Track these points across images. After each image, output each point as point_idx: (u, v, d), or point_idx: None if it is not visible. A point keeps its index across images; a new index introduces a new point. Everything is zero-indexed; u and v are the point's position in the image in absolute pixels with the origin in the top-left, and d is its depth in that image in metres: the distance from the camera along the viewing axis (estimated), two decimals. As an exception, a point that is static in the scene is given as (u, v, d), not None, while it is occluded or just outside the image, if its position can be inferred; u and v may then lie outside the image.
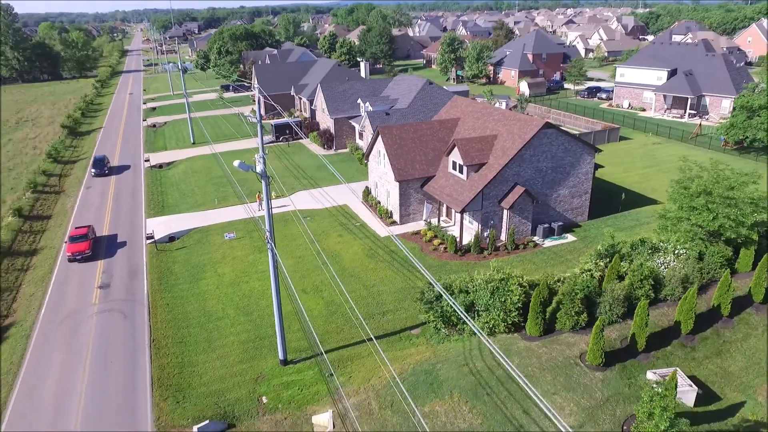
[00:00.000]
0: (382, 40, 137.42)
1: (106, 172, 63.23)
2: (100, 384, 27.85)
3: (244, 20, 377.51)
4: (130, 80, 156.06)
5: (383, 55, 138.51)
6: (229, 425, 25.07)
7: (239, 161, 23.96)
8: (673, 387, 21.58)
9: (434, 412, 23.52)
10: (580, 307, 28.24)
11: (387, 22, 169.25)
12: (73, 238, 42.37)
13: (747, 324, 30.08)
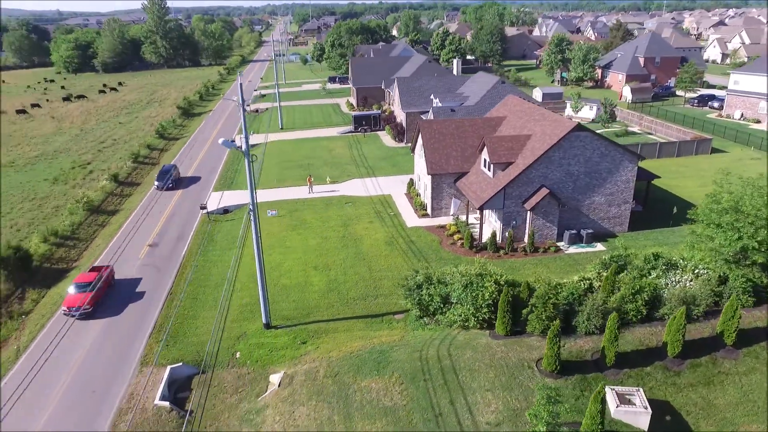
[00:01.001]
0: (492, 39, 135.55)
1: (170, 186, 56.51)
2: (115, 320, 32.35)
3: (380, 15, 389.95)
4: (255, 68, 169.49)
5: (492, 53, 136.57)
6: (201, 371, 28.06)
7: (223, 139, 26.70)
8: (598, 401, 20.64)
9: (368, 387, 24.52)
10: (553, 313, 27.34)
11: (502, 21, 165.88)
12: (78, 285, 33.88)
13: (756, 358, 27.06)
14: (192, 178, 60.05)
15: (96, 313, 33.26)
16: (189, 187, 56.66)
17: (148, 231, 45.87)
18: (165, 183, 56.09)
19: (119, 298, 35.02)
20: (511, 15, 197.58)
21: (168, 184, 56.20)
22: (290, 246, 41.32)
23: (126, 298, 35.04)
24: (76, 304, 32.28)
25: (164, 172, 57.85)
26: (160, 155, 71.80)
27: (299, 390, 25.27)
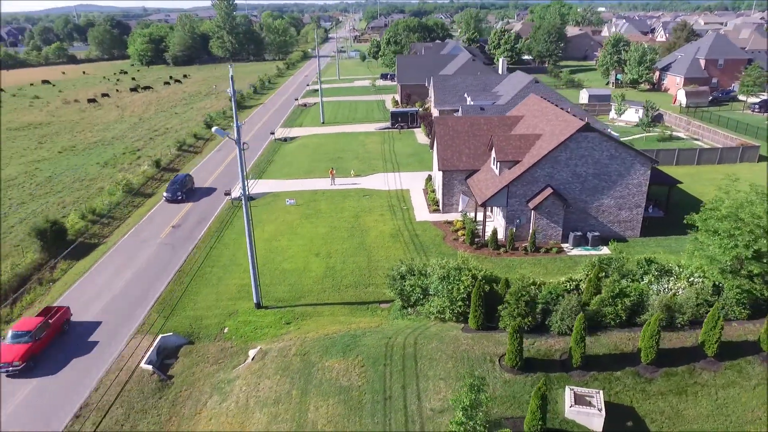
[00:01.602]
0: (549, 38, 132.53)
1: (179, 198, 51.28)
2: (125, 292, 35.11)
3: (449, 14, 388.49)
4: (314, 64, 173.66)
5: (549, 54, 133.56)
6: (189, 342, 30.11)
7: (216, 127, 28.54)
8: (538, 397, 20.80)
9: (331, 367, 25.59)
10: (525, 310, 27.21)
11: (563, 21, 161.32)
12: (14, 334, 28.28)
13: (739, 372, 25.98)
14: (207, 189, 55.32)
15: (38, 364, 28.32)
16: (200, 200, 51.82)
17: (175, 211, 48.97)
18: (174, 195, 51.17)
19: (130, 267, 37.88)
20: (576, 15, 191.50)
21: (177, 196, 51.24)
22: (299, 233, 42.97)
23: (136, 271, 37.81)
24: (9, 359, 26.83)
25: (175, 182, 52.83)
26: (204, 144, 75.72)
27: (269, 365, 26.71)
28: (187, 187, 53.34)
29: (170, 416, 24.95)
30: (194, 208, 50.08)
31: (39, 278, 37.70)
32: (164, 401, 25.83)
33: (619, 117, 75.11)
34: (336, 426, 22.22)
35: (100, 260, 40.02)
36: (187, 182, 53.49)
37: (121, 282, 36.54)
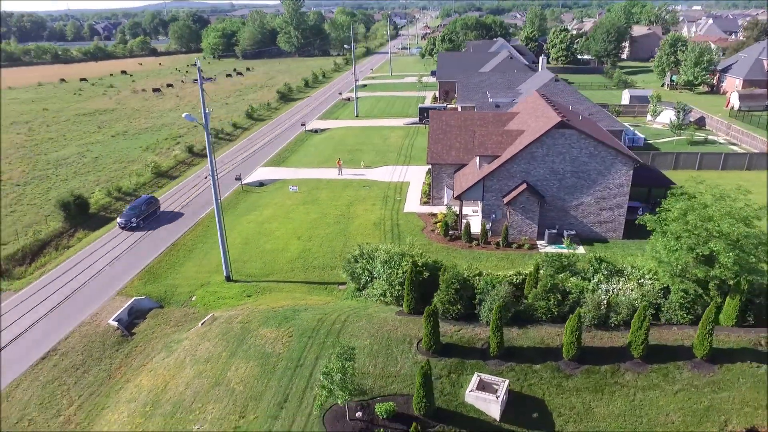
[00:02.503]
0: (608, 38, 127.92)
1: (133, 225, 44.18)
2: (120, 259, 38.95)
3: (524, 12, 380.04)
4: (374, 60, 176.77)
5: (607, 54, 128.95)
6: (159, 306, 33.29)
7: (187, 113, 31.37)
8: (421, 374, 21.85)
9: (263, 335, 27.73)
10: (454, 298, 28.22)
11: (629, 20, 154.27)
12: None
13: (665, 376, 25.68)
14: (174, 214, 47.86)
15: (111, 252, 39.95)
16: (157, 229, 44.31)
17: (190, 195, 52.91)
18: (128, 221, 44.19)
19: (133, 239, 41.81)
20: (649, 13, 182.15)
21: (132, 223, 44.24)
22: (291, 218, 45.44)
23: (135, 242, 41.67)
24: None
25: (134, 206, 45.88)
26: (241, 133, 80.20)
27: (213, 330, 29.25)
28: (148, 212, 46.16)
29: (120, 366, 28.05)
30: (208, 191, 53.81)
31: (56, 244, 42.45)
32: (119, 353, 28.99)
33: (654, 119, 72.16)
34: (245, 386, 24.34)
35: (109, 233, 44.33)
36: (147, 208, 46.28)
37: (118, 251, 40.49)
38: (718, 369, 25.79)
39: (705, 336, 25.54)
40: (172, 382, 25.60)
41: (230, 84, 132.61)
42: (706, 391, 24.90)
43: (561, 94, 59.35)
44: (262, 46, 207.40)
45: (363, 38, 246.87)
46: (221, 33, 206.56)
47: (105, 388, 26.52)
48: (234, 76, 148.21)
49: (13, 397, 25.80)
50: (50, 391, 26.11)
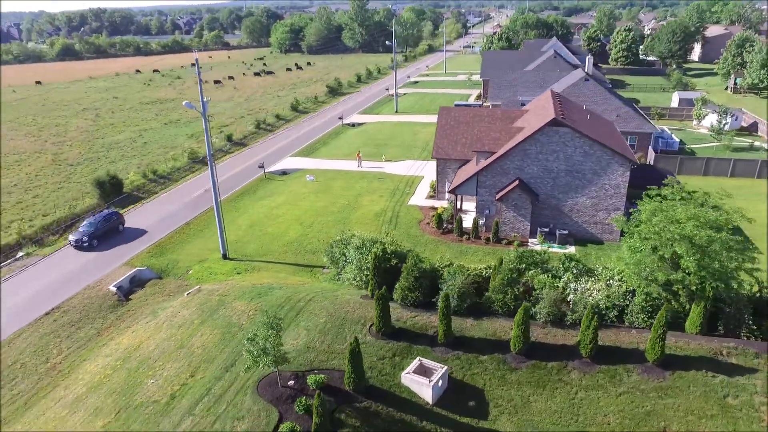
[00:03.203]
0: (673, 39, 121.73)
1: (85, 244, 40.06)
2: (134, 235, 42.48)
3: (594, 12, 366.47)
4: (434, 57, 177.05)
5: (670, 54, 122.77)
6: (158, 277, 36.29)
7: (187, 101, 34.01)
8: (349, 351, 23.05)
9: (235, 308, 29.86)
10: (414, 285, 29.14)
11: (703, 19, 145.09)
12: None
13: (612, 378, 25.53)
14: (137, 231, 43.48)
15: (131, 227, 43.73)
16: (111, 250, 40.04)
17: (216, 178, 56.38)
18: (80, 239, 40.13)
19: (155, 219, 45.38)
20: (730, 12, 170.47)
21: (84, 242, 40.04)
22: (299, 205, 47.59)
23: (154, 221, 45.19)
24: None
25: (90, 223, 41.65)
26: (282, 125, 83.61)
27: (195, 300, 31.74)
28: (106, 229, 41.85)
29: (110, 326, 31.10)
30: (236, 177, 56.94)
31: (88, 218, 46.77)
32: (112, 315, 32.09)
33: (699, 122, 68.62)
34: (204, 350, 26.52)
35: (135, 210, 48.30)
36: (105, 225, 41.85)
37: (140, 226, 44.11)
38: (670, 375, 25.33)
39: (656, 340, 25.17)
40: (145, 343, 28.21)
41: (287, 78, 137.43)
42: (652, 396, 24.59)
43: (589, 94, 58.04)
44: (328, 42, 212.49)
45: (429, 36, 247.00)
46: (289, 28, 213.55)
47: (92, 343, 29.58)
48: (294, 70, 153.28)
49: (14, 343, 29.36)
50: (45, 342, 29.47)
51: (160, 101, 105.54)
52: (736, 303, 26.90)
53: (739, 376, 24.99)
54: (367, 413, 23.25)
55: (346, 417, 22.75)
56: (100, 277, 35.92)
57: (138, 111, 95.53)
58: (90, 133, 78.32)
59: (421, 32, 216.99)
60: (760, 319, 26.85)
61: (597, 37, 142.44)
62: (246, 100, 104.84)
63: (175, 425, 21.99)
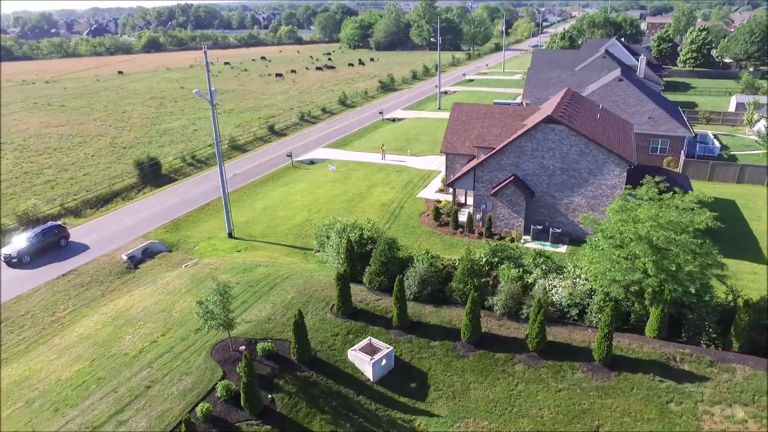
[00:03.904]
0: (750, 39, 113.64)
1: (14, 261, 36.97)
2: (159, 212, 46.25)
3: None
4: (499, 56, 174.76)
5: (746, 56, 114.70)
6: (168, 250, 39.61)
7: (197, 90, 36.92)
8: (295, 324, 24.73)
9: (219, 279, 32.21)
10: (380, 270, 30.40)
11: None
12: None
13: (556, 373, 25.76)
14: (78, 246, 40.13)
15: (157, 205, 47.77)
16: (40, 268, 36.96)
17: (246, 165, 59.76)
18: (9, 256, 37.03)
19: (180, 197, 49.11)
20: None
21: (13, 258, 36.92)
22: (314, 192, 49.80)
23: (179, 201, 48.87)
24: None
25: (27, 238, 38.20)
26: (326, 117, 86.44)
27: (189, 271, 34.62)
28: (42, 246, 38.58)
29: (114, 290, 34.55)
30: (263, 165, 60.07)
31: (125, 195, 51.40)
32: (118, 281, 35.57)
33: (751, 128, 64.43)
34: (180, 314, 29.17)
35: (167, 190, 52.39)
36: (42, 241, 38.67)
37: (163, 206, 47.97)
38: (615, 376, 25.24)
39: (602, 340, 25.14)
40: (136, 305, 31.28)
41: (347, 73, 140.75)
42: (592, 395, 24.65)
43: (622, 95, 56.36)
44: (396, 39, 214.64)
45: (500, 34, 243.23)
46: (358, 24, 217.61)
47: (95, 303, 33.07)
48: (356, 65, 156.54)
49: (30, 297, 33.38)
50: (56, 299, 33.29)
51: (221, 92, 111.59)
52: (698, 310, 26.13)
53: (688, 383, 24.47)
54: (306, 382, 24.89)
55: (284, 383, 24.49)
56: (117, 246, 39.66)
57: (198, 101, 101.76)
58: (149, 120, 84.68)
59: (489, 30, 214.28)
60: (725, 328, 25.92)
61: (668, 38, 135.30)
62: (300, 93, 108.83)
63: (134, 374, 24.61)
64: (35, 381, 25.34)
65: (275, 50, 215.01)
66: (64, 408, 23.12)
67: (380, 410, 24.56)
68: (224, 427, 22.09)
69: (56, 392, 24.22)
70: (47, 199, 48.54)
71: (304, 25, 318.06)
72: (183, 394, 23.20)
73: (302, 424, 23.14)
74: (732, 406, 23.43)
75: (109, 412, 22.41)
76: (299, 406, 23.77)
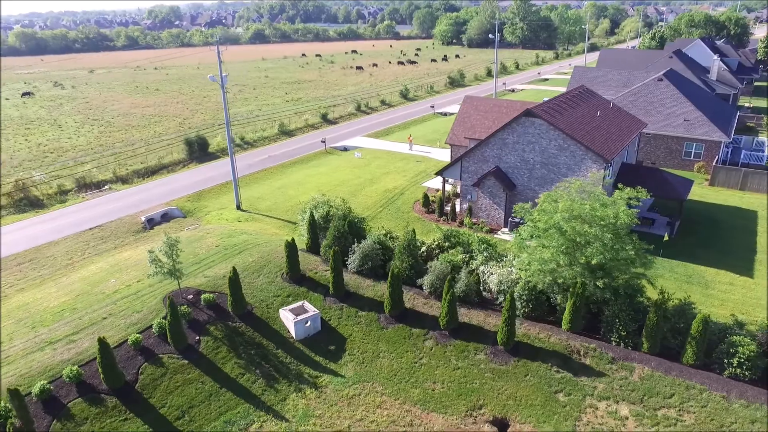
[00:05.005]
0: None
1: None
2: (193, 183, 51.83)
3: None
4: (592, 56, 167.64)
5: None
6: (183, 216, 44.81)
7: (211, 75, 41.49)
8: (229, 282, 28.10)
9: (206, 242, 36.67)
10: (333, 243, 32.90)
11: None
12: None
13: (460, 352, 27.29)
14: None
15: (192, 177, 53.65)
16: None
17: (285, 148, 64.40)
18: None
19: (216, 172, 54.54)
20: None
21: None
22: (331, 175, 53.08)
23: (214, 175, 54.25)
24: None
25: None
26: (384, 109, 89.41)
27: (187, 234, 39.29)
28: None
29: (126, 244, 40.05)
30: (300, 150, 64.32)
31: (170, 168, 57.96)
32: (132, 238, 41.08)
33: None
34: (157, 266, 33.58)
35: (206, 166, 58.22)
36: None
37: (197, 179, 53.62)
38: (515, 361, 26.13)
39: (503, 325, 26.03)
40: (133, 257, 36.37)
41: (427, 68, 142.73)
42: (486, 376, 25.85)
43: (659, 95, 53.92)
44: (488, 36, 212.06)
45: (603, 34, 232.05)
46: (453, 21, 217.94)
47: (106, 254, 38.65)
48: (438, 61, 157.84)
49: (58, 244, 39.71)
50: (77, 247, 39.35)
51: (299, 82, 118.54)
52: (612, 307, 26.00)
53: (584, 377, 24.83)
54: (234, 331, 28.24)
55: (215, 329, 28.02)
56: (142, 210, 45.48)
57: (274, 89, 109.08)
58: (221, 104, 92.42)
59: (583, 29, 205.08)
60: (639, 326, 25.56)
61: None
62: (371, 85, 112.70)
63: (100, 308, 29.33)
64: (31, 306, 30.88)
65: (369, 44, 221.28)
66: (39, 327, 28.26)
67: (293, 364, 27.34)
68: (149, 356, 26.01)
69: (39, 315, 29.51)
70: (101, 167, 56.14)
71: (406, 20, 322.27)
72: (127, 327, 27.45)
73: (217, 364, 26.52)
74: (619, 403, 23.51)
75: (66, 333, 27.17)
76: (220, 349, 27.18)
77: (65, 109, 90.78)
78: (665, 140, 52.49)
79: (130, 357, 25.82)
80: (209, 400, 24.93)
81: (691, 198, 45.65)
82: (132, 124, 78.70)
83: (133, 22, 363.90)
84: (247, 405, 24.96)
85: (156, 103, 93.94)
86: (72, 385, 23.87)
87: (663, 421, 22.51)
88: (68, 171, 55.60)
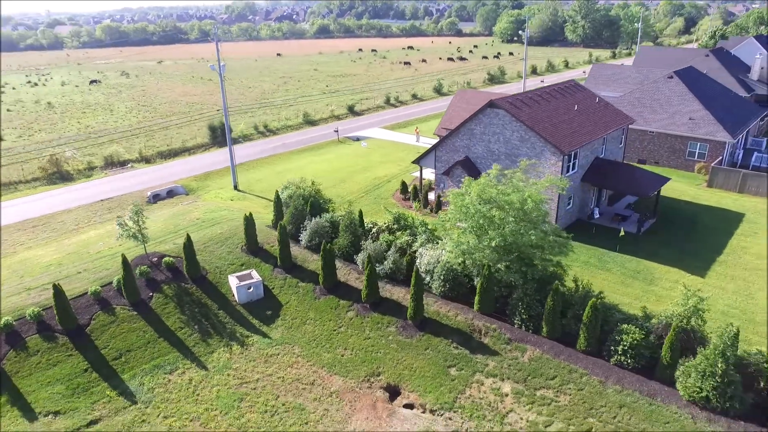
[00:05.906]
0: None
1: None
2: (205, 164, 56.20)
3: None
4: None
5: None
6: (186, 193, 49.07)
7: (212, 64, 45.20)
8: (184, 247, 31.45)
9: (192, 216, 40.46)
10: (291, 220, 35.59)
11: None
12: None
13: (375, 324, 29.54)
14: None
15: (206, 160, 58.22)
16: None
17: (301, 137, 67.82)
18: None
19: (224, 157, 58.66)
20: None
21: None
22: (332, 163, 55.86)
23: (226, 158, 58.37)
24: None
25: None
26: (414, 103, 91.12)
27: (180, 207, 43.30)
28: None
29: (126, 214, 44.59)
30: (313, 138, 67.51)
31: (191, 151, 62.85)
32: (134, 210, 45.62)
33: None
34: (139, 233, 37.67)
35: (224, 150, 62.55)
36: None
37: (210, 162, 57.98)
38: (420, 336, 27.92)
39: (410, 301, 27.76)
40: (126, 225, 40.67)
41: (475, 65, 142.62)
42: (392, 347, 27.86)
43: (666, 93, 52.81)
44: (550, 35, 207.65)
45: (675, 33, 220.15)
46: (514, 18, 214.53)
47: (107, 223, 43.26)
48: (489, 58, 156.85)
49: (71, 212, 44.85)
50: (85, 215, 44.34)
51: (343, 75, 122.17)
52: (518, 290, 27.04)
53: (479, 354, 26.23)
54: (185, 291, 31.66)
55: (168, 288, 31.57)
56: (151, 186, 50.13)
57: (317, 81, 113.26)
58: (262, 95, 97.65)
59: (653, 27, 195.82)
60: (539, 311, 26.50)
61: None
62: (412, 80, 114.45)
63: (80, 264, 33.60)
64: (29, 261, 35.70)
65: (428, 41, 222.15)
66: (27, 276, 32.90)
67: (230, 324, 30.38)
68: (105, 305, 29.87)
69: (32, 267, 34.20)
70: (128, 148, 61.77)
71: (472, 18, 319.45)
72: (94, 281, 31.49)
73: (162, 317, 30.02)
74: (504, 381, 24.78)
75: (43, 282, 31.53)
76: (168, 306, 30.64)
77: (122, 96, 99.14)
78: (668, 139, 51.21)
79: (89, 305, 29.73)
80: (146, 346, 28.38)
81: (682, 199, 44.94)
82: (175, 110, 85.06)
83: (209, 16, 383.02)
84: (178, 354, 28.22)
85: (203, 93, 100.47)
86: (33, 324, 28.01)
87: (539, 401, 23.56)
88: (101, 149, 61.66)
